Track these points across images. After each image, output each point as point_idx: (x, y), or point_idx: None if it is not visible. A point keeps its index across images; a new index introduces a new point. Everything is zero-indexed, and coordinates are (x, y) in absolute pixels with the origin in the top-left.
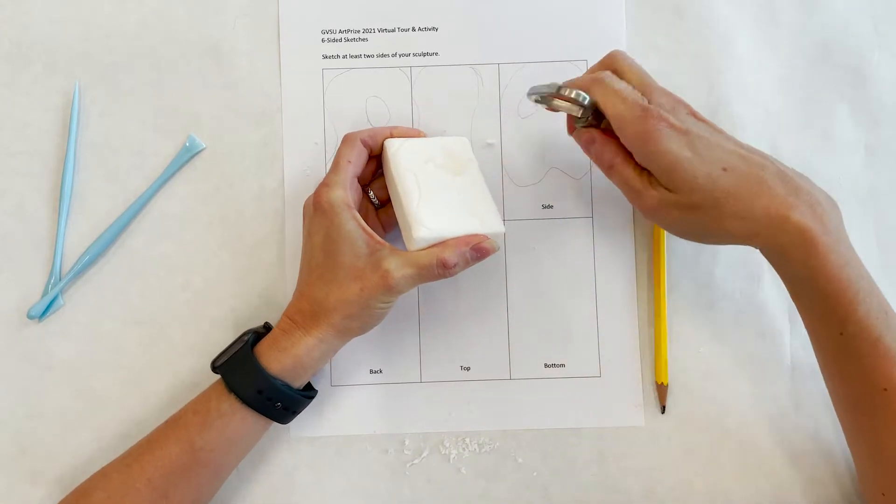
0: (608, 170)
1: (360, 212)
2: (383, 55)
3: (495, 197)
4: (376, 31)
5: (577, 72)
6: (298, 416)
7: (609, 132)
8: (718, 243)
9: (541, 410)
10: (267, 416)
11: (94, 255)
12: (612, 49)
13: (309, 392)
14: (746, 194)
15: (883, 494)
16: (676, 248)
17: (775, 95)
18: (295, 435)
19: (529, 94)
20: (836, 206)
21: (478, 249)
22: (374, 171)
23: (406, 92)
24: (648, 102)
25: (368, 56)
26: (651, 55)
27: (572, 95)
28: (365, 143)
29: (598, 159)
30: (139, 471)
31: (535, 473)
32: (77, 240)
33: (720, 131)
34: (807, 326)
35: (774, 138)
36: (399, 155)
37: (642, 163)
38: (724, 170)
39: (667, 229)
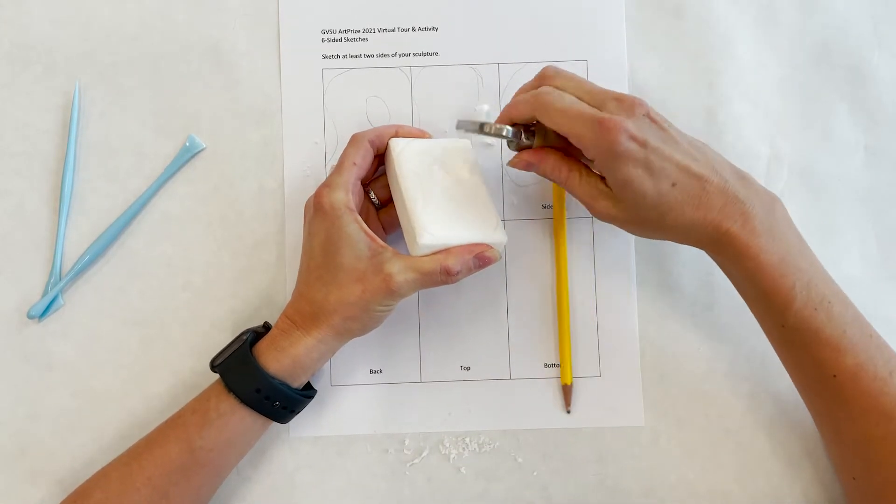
0: (563, 185)
1: (361, 213)
2: (383, 55)
3: (495, 197)
4: (376, 31)
5: (577, 72)
6: (298, 415)
7: (543, 148)
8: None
9: (541, 410)
10: (266, 416)
11: (94, 255)
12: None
13: (308, 392)
14: (688, 209)
15: (854, 479)
16: (677, 248)
17: (775, 95)
18: (295, 435)
19: (457, 128)
20: (776, 204)
21: (481, 258)
22: (376, 169)
23: (406, 92)
24: (601, 111)
25: (368, 56)
26: (651, 55)
27: (493, 132)
28: (372, 144)
29: (545, 175)
30: (138, 470)
31: (535, 473)
32: (77, 240)
33: (673, 135)
34: (756, 317)
35: (774, 138)
36: (403, 156)
37: (601, 171)
38: (673, 185)
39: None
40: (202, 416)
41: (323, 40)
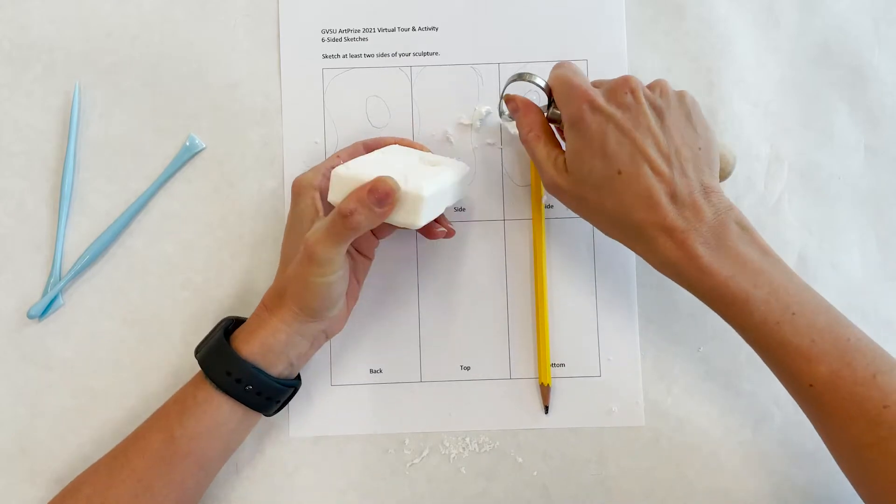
0: (524, 141)
1: None
2: (383, 55)
3: (495, 197)
4: (376, 30)
5: None
6: (298, 415)
7: (532, 104)
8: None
9: (541, 410)
10: (243, 403)
11: (94, 255)
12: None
13: (288, 381)
14: (629, 203)
15: (858, 485)
16: None
17: (775, 95)
18: (295, 435)
19: (502, 109)
20: (731, 221)
21: (374, 191)
22: None
23: (406, 92)
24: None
25: (368, 56)
26: (651, 55)
27: (528, 79)
28: (366, 146)
29: (518, 127)
30: (124, 462)
31: (535, 473)
32: (77, 240)
33: (651, 123)
34: None
35: (774, 138)
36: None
37: (565, 137)
38: (619, 173)
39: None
40: (182, 405)
41: (323, 40)
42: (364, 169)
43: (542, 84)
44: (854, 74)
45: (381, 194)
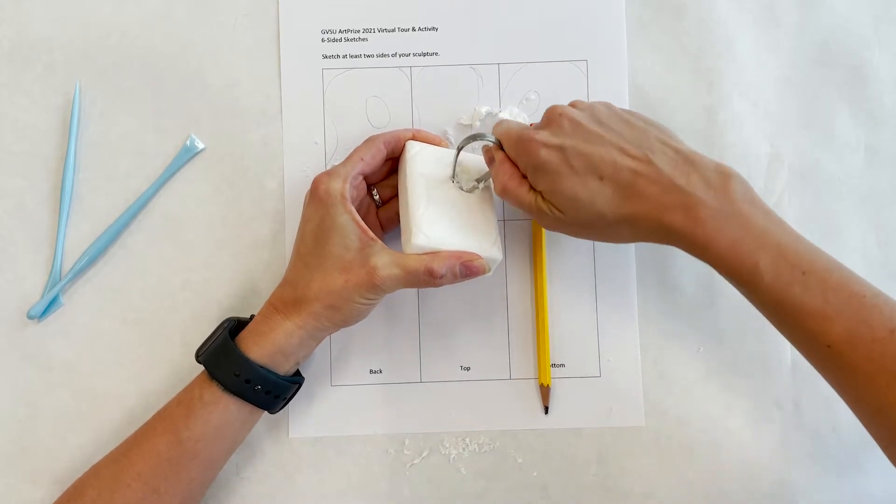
0: (504, 190)
1: (360, 208)
2: (383, 55)
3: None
4: (376, 31)
5: (577, 72)
6: (298, 416)
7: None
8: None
9: (540, 410)
10: (251, 402)
11: (94, 255)
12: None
13: (295, 378)
14: (623, 202)
15: (888, 446)
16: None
17: (775, 95)
18: (295, 435)
19: (458, 146)
20: (730, 182)
21: (468, 266)
22: (388, 172)
23: (406, 92)
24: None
25: (368, 56)
26: (651, 55)
27: (480, 138)
28: (386, 145)
29: (495, 178)
30: (128, 466)
31: (535, 473)
32: (77, 240)
33: (595, 129)
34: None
35: (774, 138)
36: (417, 159)
37: (536, 187)
38: (601, 179)
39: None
40: (187, 407)
41: (323, 40)
42: (444, 238)
43: (494, 140)
44: (854, 74)
45: (473, 273)
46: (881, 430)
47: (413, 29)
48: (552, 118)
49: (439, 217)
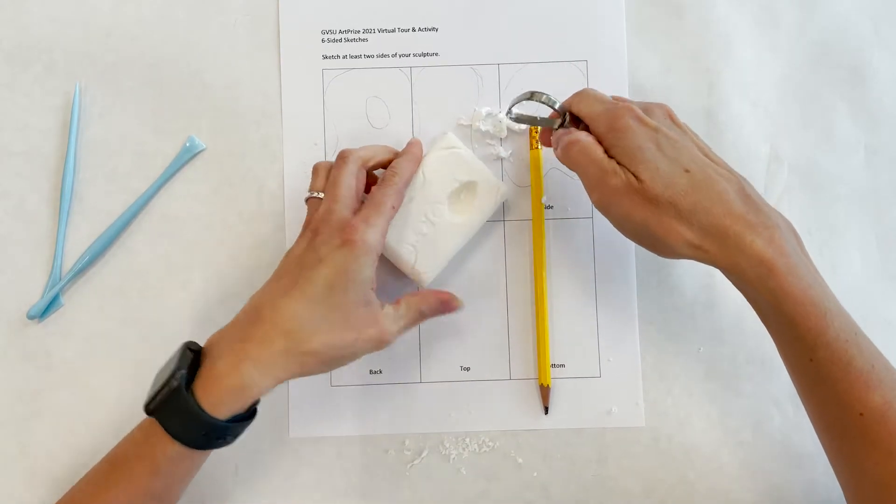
0: (577, 151)
1: None
2: (383, 55)
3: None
4: (376, 31)
5: (576, 72)
6: (298, 415)
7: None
8: (667, 254)
9: (540, 410)
10: (217, 447)
11: (94, 255)
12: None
13: (253, 406)
14: (704, 200)
15: None
16: None
17: (775, 95)
18: (295, 435)
19: (510, 111)
20: (795, 231)
21: (446, 305)
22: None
23: (406, 92)
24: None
25: (368, 56)
26: (651, 55)
27: (544, 100)
28: (406, 183)
29: (569, 147)
30: None
31: (535, 473)
32: (77, 240)
33: (693, 139)
34: (779, 351)
35: (774, 138)
36: (439, 159)
37: (612, 153)
38: (687, 171)
39: (620, 224)
40: (150, 464)
41: (323, 40)
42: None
43: (557, 106)
44: (854, 74)
45: (449, 310)
46: None
47: (413, 29)
48: (656, 107)
49: (433, 250)
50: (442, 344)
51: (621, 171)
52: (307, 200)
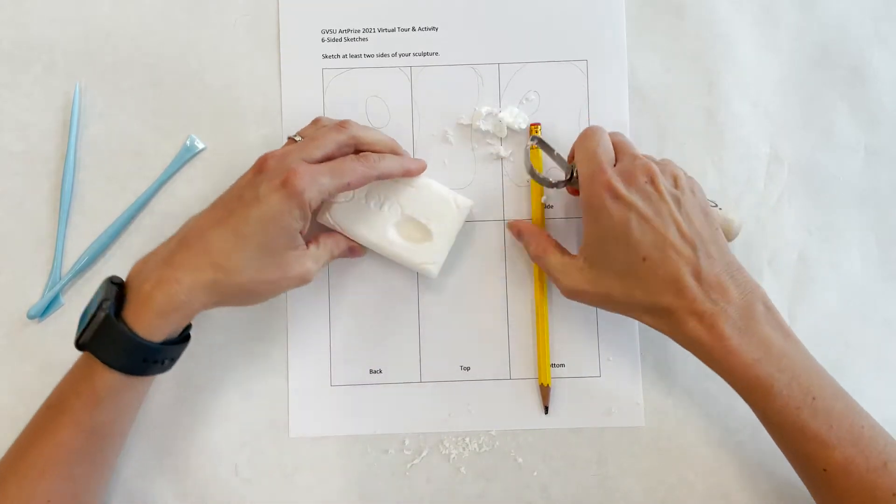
0: (535, 258)
1: None
2: (383, 55)
3: (495, 197)
4: (376, 31)
5: (576, 72)
6: (298, 415)
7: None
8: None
9: (540, 410)
10: (155, 373)
11: (94, 255)
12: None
13: (186, 330)
14: (655, 289)
15: None
16: None
17: (775, 95)
18: (295, 435)
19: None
20: (757, 302)
21: (352, 251)
22: None
23: (406, 92)
24: (615, 164)
25: (368, 56)
26: (651, 55)
27: (541, 145)
28: (380, 178)
29: (526, 246)
30: (38, 457)
31: (535, 473)
32: (77, 240)
33: (671, 210)
34: None
35: (774, 138)
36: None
37: (585, 220)
38: (644, 259)
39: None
40: (91, 399)
41: (323, 40)
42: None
43: (555, 153)
44: (854, 74)
45: (354, 255)
46: None
47: (413, 29)
48: (638, 171)
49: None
50: (442, 343)
51: (575, 274)
52: (288, 139)
